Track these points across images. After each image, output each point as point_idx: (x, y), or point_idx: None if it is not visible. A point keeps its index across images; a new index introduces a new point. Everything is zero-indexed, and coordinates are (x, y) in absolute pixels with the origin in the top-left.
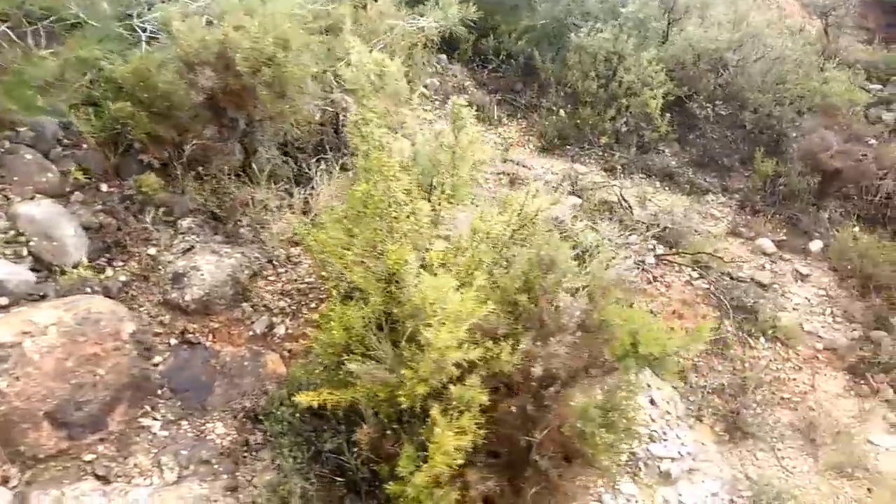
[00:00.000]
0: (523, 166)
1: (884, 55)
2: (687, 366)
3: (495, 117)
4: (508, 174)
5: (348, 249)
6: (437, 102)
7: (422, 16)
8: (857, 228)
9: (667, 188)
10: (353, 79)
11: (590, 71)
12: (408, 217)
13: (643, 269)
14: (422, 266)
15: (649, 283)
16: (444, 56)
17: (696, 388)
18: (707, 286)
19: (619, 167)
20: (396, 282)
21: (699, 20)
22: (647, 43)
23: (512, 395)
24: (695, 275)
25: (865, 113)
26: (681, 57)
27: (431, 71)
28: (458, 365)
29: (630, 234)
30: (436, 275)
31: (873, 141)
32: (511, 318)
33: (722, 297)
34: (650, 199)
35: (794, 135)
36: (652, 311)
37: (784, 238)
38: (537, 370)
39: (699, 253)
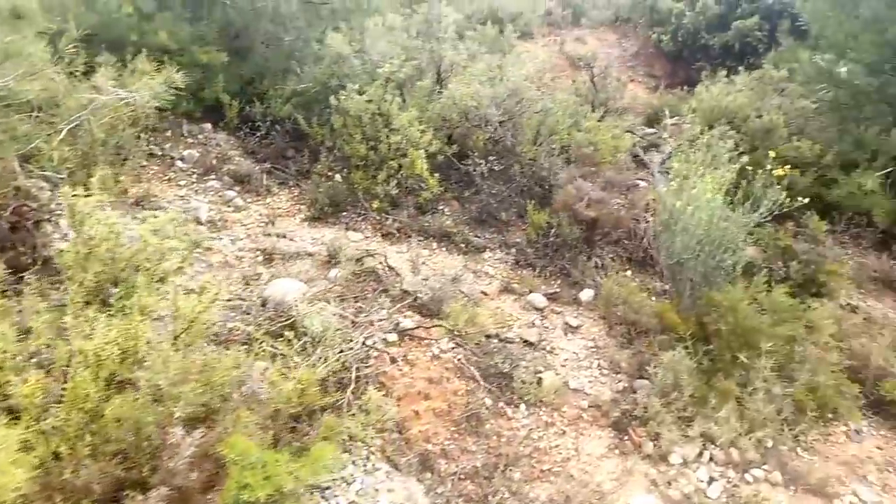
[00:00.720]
0: (287, 238)
1: (666, 100)
2: (435, 452)
3: (263, 187)
4: (266, 250)
5: None
6: (195, 176)
7: (124, 88)
8: (629, 272)
9: (444, 249)
10: None
11: (355, 133)
12: None
13: (379, 352)
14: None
15: (391, 363)
16: (207, 125)
17: (446, 476)
18: (459, 357)
19: (395, 231)
20: None
21: (465, 76)
22: (414, 102)
23: None
24: (448, 346)
25: (636, 156)
26: (447, 114)
27: (191, 142)
28: None
29: (379, 309)
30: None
31: (643, 184)
32: (144, 459)
33: (474, 366)
34: (425, 263)
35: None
36: (388, 395)
37: (557, 290)
38: None
39: (437, 326)
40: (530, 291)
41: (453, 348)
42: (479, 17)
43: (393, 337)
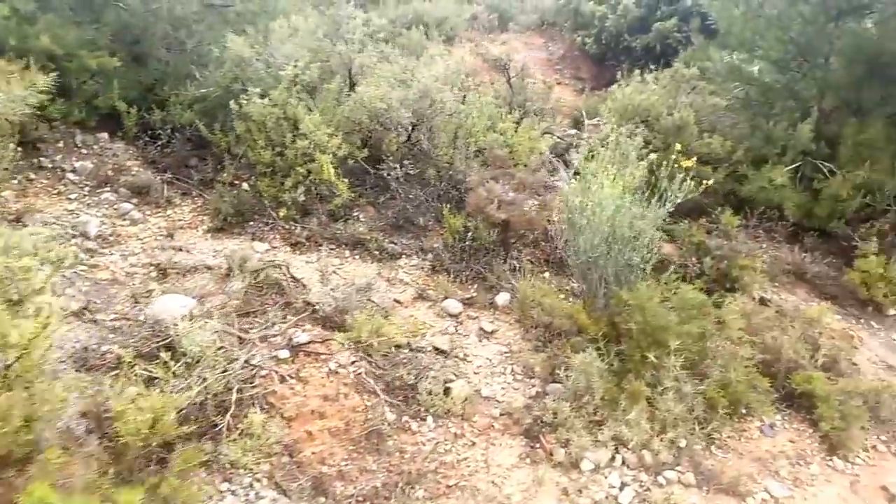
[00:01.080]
0: (186, 252)
1: (591, 101)
2: (330, 474)
3: (163, 198)
4: (160, 265)
5: None
6: (87, 189)
7: None
8: (546, 274)
9: (357, 257)
10: None
11: (259, 139)
12: None
13: (268, 370)
14: None
15: (281, 382)
16: (104, 135)
17: (342, 499)
18: (360, 371)
19: (304, 240)
20: None
21: (374, 79)
22: (322, 106)
23: None
24: (348, 360)
25: (556, 157)
26: (356, 117)
27: (85, 153)
28: None
29: (274, 324)
30: None
31: (562, 184)
32: None
33: (376, 380)
34: (335, 272)
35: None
36: (277, 416)
37: (474, 295)
38: None
39: (333, 340)
40: (445, 297)
41: (354, 362)
42: (404, 22)
43: (285, 353)
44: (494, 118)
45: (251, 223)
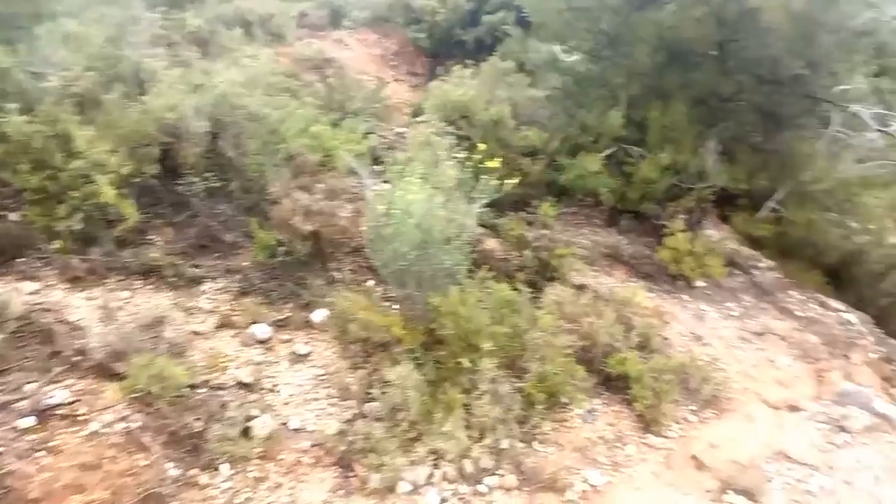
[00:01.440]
0: None
1: (424, 97)
2: None
3: None
4: None
5: None
6: None
7: None
8: (371, 283)
9: (151, 287)
10: None
11: (21, 162)
12: None
13: (3, 446)
14: None
15: (20, 459)
16: None
17: None
18: (133, 426)
19: (86, 274)
20: None
21: (164, 86)
22: (103, 119)
23: None
24: (119, 414)
25: (376, 159)
26: (142, 131)
27: None
28: None
29: (22, 385)
30: None
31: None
32: None
33: (154, 433)
34: (121, 308)
35: None
36: (26, 500)
37: (289, 315)
38: None
39: (91, 394)
40: (253, 322)
41: (125, 417)
42: (225, 21)
43: (29, 421)
44: (309, 121)
45: (21, 260)
